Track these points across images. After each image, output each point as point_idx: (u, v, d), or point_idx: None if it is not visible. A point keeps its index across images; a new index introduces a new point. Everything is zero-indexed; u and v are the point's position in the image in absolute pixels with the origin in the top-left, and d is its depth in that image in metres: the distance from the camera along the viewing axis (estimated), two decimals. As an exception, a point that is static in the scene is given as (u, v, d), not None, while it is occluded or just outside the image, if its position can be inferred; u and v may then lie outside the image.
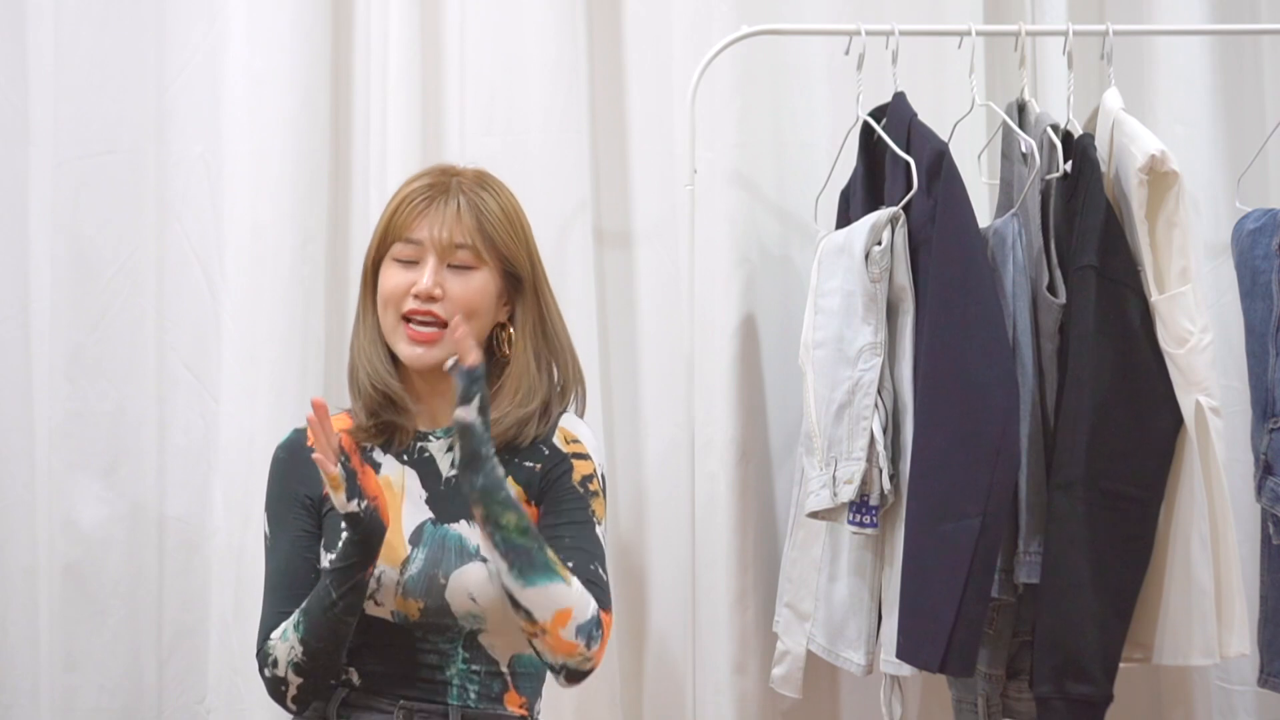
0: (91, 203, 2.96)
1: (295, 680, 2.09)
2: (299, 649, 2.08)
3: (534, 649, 2.11)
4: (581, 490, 2.19)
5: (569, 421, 2.25)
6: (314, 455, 2.01)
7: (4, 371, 2.99)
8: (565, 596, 2.07)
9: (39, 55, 2.98)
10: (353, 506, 2.02)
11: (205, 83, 2.97)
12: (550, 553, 2.08)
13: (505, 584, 2.07)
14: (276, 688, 2.12)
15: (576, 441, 2.23)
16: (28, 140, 2.99)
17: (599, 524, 2.19)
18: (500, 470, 2.07)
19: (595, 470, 2.22)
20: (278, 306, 2.90)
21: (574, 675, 2.11)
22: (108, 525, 2.95)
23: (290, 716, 2.18)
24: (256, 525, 2.81)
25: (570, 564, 2.12)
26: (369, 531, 2.05)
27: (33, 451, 2.98)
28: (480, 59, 2.96)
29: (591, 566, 2.14)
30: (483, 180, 2.24)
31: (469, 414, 2.03)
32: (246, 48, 2.93)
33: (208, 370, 2.96)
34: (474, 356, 2.03)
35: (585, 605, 2.09)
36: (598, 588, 2.13)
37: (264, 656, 2.12)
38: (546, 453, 2.21)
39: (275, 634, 2.12)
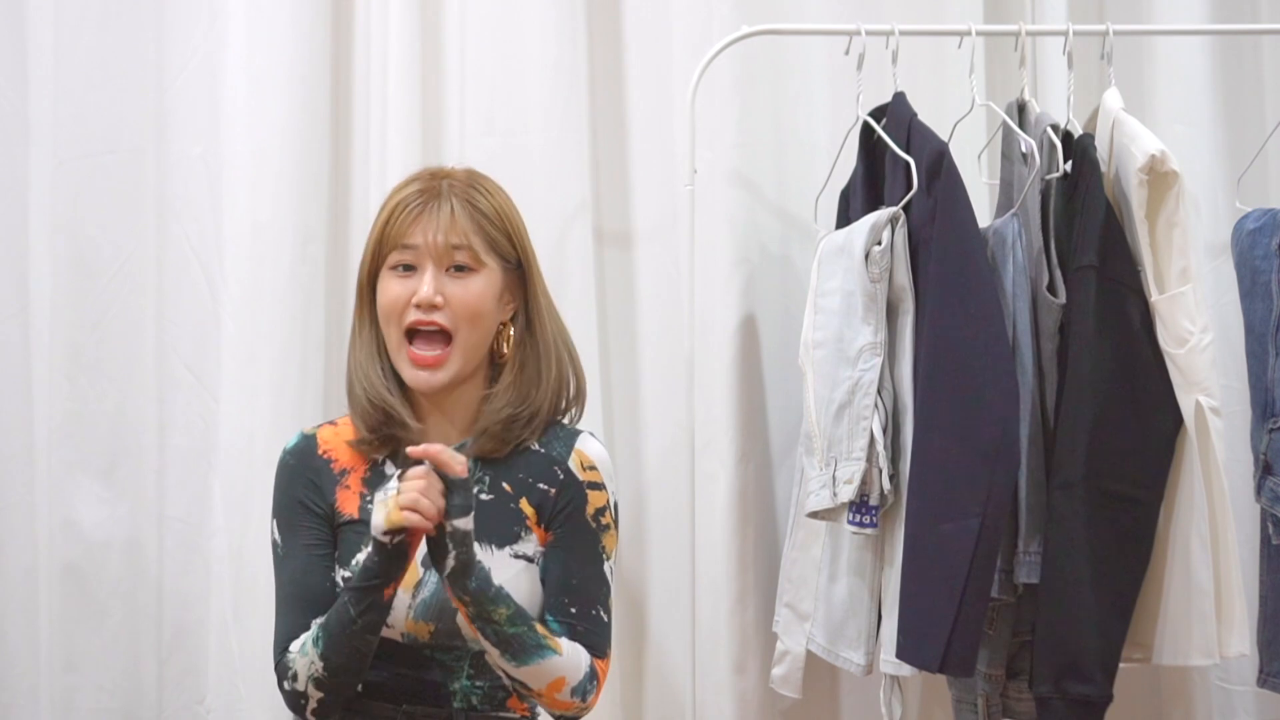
0: (91, 203, 2.96)
1: (316, 694, 2.07)
2: (319, 664, 2.05)
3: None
4: (594, 525, 2.17)
5: (586, 444, 2.22)
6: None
7: (4, 371, 2.99)
8: (558, 668, 2.08)
9: (39, 55, 2.98)
10: (383, 536, 1.99)
11: (205, 83, 2.97)
12: (539, 627, 2.08)
13: (497, 663, 2.08)
14: (296, 701, 2.09)
15: (593, 469, 2.20)
16: (28, 140, 2.99)
17: (608, 559, 2.18)
18: (485, 566, 2.07)
19: (609, 501, 2.20)
20: (278, 306, 2.90)
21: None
22: (108, 525, 2.95)
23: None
24: (256, 525, 2.82)
25: (573, 609, 2.13)
26: (394, 558, 2.02)
27: (33, 451, 2.98)
28: (480, 59, 2.96)
29: (593, 611, 2.14)
30: (473, 180, 2.21)
31: (469, 524, 2.01)
32: (246, 48, 2.93)
33: (208, 370, 2.96)
34: (460, 467, 1.99)
35: (578, 667, 2.11)
36: (595, 634, 2.14)
37: (283, 669, 2.10)
38: (561, 477, 2.18)
39: (294, 647, 2.10)
